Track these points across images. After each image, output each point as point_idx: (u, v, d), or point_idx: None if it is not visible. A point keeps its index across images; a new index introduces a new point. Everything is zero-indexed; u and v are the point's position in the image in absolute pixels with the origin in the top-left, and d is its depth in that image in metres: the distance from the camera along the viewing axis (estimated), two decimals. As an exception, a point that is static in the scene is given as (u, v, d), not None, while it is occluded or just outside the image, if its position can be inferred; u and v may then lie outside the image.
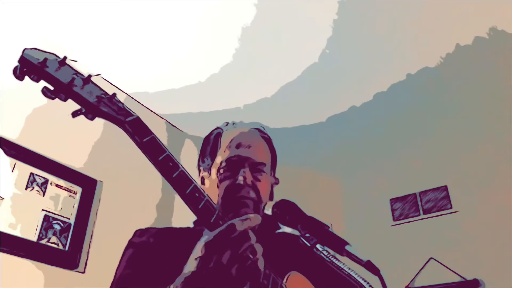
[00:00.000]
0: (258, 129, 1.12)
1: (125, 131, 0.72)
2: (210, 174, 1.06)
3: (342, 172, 3.49)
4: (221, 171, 1.01)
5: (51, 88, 0.66)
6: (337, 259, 0.78)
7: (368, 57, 2.53)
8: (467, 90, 2.75)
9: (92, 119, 0.69)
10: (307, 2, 2.17)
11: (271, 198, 1.06)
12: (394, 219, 3.14)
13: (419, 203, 3.07)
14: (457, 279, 2.53)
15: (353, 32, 2.38)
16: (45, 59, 0.65)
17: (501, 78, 2.60)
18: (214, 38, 2.42)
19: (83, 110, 0.68)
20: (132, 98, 2.86)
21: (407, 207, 3.12)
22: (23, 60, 0.64)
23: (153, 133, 0.74)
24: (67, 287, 2.08)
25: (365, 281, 0.73)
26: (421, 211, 3.03)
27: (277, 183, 1.12)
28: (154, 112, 3.02)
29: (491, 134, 2.85)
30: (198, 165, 1.14)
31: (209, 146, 1.10)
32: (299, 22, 2.31)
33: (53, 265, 2.07)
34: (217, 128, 1.14)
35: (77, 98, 0.67)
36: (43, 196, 2.14)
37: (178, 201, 2.88)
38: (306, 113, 3.01)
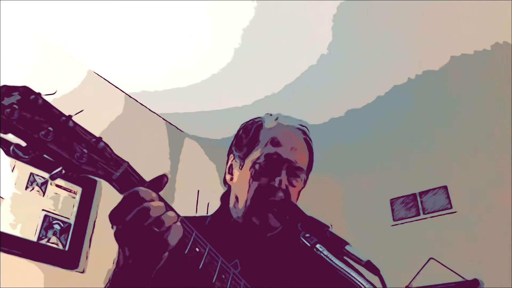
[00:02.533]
0: (301, 130, 1.06)
1: (112, 186, 0.63)
2: (242, 165, 0.99)
3: (342, 172, 3.49)
4: (257, 166, 0.94)
5: (23, 143, 0.55)
6: (337, 259, 0.78)
7: (369, 58, 2.53)
8: (467, 91, 2.75)
9: (74, 176, 0.60)
10: (307, 2, 2.17)
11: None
12: (394, 219, 3.14)
13: (419, 203, 3.07)
14: (457, 279, 2.53)
15: (354, 33, 2.38)
16: (12, 108, 0.52)
17: (501, 79, 2.60)
18: (214, 38, 2.42)
19: (63, 172, 0.58)
20: (132, 98, 2.86)
21: (407, 207, 3.12)
22: None
23: (145, 182, 0.66)
24: (67, 287, 2.08)
25: (367, 280, 0.73)
26: (421, 211, 3.03)
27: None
28: (154, 112, 3.01)
29: (491, 134, 2.85)
30: (230, 152, 1.06)
31: (248, 135, 1.02)
32: (300, 22, 2.31)
33: (53, 265, 2.07)
34: (259, 118, 1.06)
35: (54, 155, 0.57)
36: (43, 196, 2.14)
37: (178, 201, 2.88)
38: (306, 114, 2.99)
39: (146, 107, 2.96)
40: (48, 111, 0.56)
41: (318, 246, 0.80)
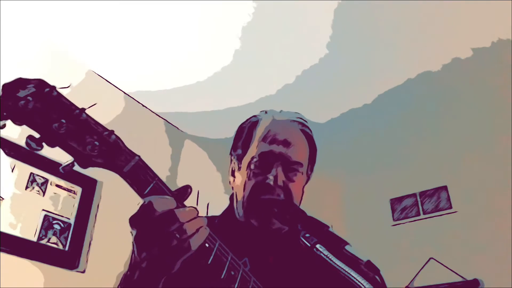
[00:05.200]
0: (298, 121, 1.02)
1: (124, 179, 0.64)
2: (240, 167, 0.97)
3: (342, 172, 3.48)
4: (252, 166, 0.92)
5: (37, 135, 0.55)
6: (337, 259, 0.78)
7: (369, 58, 2.53)
8: (467, 91, 2.75)
9: (85, 168, 0.61)
10: (307, 2, 2.17)
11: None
12: (394, 219, 3.13)
13: (419, 203, 3.06)
14: (457, 279, 2.53)
15: (353, 33, 2.38)
16: (26, 99, 0.53)
17: (501, 79, 2.60)
18: (214, 38, 2.42)
19: (74, 164, 0.59)
20: (132, 98, 2.86)
21: (407, 207, 3.12)
22: (1, 103, 0.52)
23: (156, 177, 0.65)
24: (67, 287, 2.08)
25: (365, 281, 0.73)
26: (421, 211, 3.03)
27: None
28: (154, 112, 3.01)
29: (491, 134, 2.85)
30: (230, 154, 1.04)
31: (243, 135, 1.00)
32: (299, 22, 2.31)
33: (53, 265, 2.07)
34: (254, 116, 1.03)
35: (67, 147, 0.57)
36: (43, 196, 2.14)
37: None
38: (306, 114, 2.99)
39: (146, 107, 2.95)
40: (61, 104, 0.57)
41: (318, 246, 0.80)
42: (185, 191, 0.66)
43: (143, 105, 2.93)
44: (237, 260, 0.72)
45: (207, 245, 0.66)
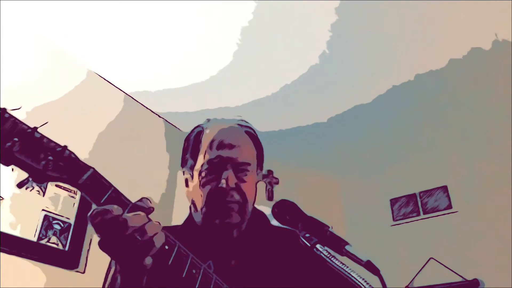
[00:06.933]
0: (241, 124, 1.05)
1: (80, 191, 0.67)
2: (192, 176, 1.01)
3: (342, 172, 3.49)
4: (203, 174, 0.96)
5: None
6: (337, 259, 0.78)
7: (369, 58, 2.53)
8: (467, 91, 2.75)
9: (41, 183, 0.63)
10: (307, 2, 2.17)
11: (271, 198, 1.02)
12: (394, 219, 3.14)
13: (419, 203, 3.07)
14: (457, 279, 2.53)
15: (353, 33, 2.38)
16: None
17: (501, 79, 2.60)
18: (214, 38, 2.42)
19: (30, 179, 0.61)
20: (132, 97, 2.86)
21: (407, 207, 3.12)
22: None
23: (112, 187, 0.68)
24: (67, 287, 2.08)
25: (365, 281, 0.73)
26: (421, 211, 3.03)
27: (277, 183, 1.08)
28: (154, 112, 3.02)
29: (491, 134, 2.86)
30: (181, 167, 1.09)
31: (190, 146, 1.05)
32: (300, 22, 2.31)
33: (53, 265, 2.07)
34: (198, 126, 1.07)
35: (21, 165, 0.59)
36: (43, 196, 2.14)
37: (178, 200, 2.88)
38: (306, 114, 3.01)
39: (146, 107, 2.96)
40: (13, 124, 0.59)
41: (318, 246, 0.80)
42: (143, 203, 0.70)
43: (143, 105, 2.93)
44: (198, 260, 0.74)
45: (166, 247, 0.68)
